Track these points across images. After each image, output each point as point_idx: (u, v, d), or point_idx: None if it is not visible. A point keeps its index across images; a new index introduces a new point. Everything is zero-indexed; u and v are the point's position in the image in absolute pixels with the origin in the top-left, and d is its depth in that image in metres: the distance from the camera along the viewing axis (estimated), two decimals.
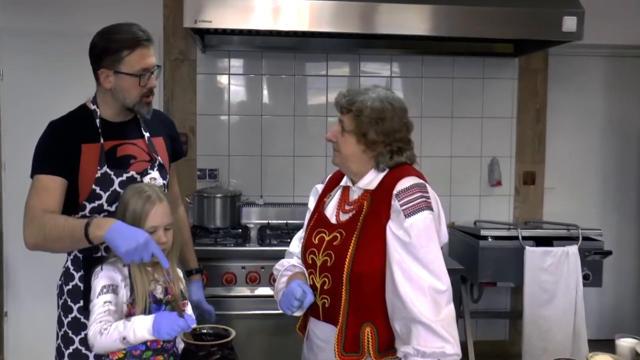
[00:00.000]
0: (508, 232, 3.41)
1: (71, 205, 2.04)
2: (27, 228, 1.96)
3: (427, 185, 1.83)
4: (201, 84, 3.71)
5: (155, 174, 2.16)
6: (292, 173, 3.78)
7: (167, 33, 3.65)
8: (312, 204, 2.06)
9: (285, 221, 3.66)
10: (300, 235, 2.08)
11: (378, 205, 1.80)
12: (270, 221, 3.67)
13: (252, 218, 3.68)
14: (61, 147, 2.03)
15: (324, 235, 1.89)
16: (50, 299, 2.25)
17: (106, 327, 1.73)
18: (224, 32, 3.35)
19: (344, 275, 1.78)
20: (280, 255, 3.07)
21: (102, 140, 2.07)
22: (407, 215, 1.74)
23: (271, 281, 2.95)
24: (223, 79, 3.73)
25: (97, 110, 2.10)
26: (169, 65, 3.66)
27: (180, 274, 2.04)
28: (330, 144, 1.92)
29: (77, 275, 2.11)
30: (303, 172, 3.78)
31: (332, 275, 1.82)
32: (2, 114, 3.57)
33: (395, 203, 1.76)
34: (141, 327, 1.71)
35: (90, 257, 2.07)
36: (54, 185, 2.00)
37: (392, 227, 1.76)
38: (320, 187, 2.08)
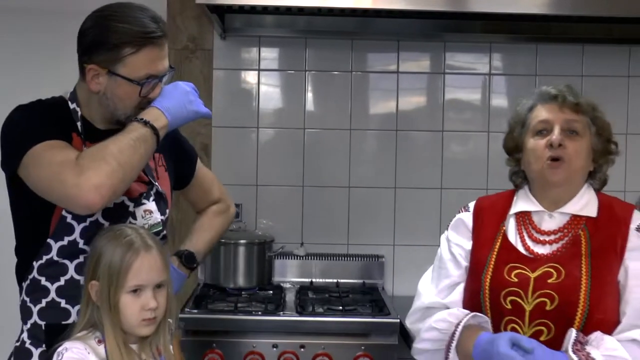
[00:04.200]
0: None
1: (33, 243, 2.06)
2: (90, 171, 1.92)
3: None
4: (219, 84, 3.73)
5: (150, 205, 2.19)
6: (346, 211, 3.75)
7: (172, 11, 3.65)
8: (461, 240, 2.22)
9: (335, 280, 3.66)
10: (433, 283, 2.24)
11: (607, 237, 2.03)
12: (314, 279, 3.68)
13: (289, 275, 3.69)
14: (54, 122, 2.05)
15: (524, 272, 2.04)
16: None
17: None
18: (253, 9, 3.37)
19: (576, 322, 1.94)
20: (329, 329, 2.94)
21: (84, 146, 2.08)
22: None
23: None
24: (250, 77, 3.75)
25: (78, 110, 2.13)
26: (175, 57, 3.64)
27: (175, 352, 2.07)
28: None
29: (36, 353, 2.09)
30: (363, 210, 3.76)
31: (554, 322, 1.97)
32: None
33: (638, 239, 2.01)
34: None
35: (57, 326, 2.05)
36: (66, 144, 2.02)
37: (634, 266, 1.99)
38: (467, 219, 2.25)
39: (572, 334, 1.90)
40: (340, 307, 3.14)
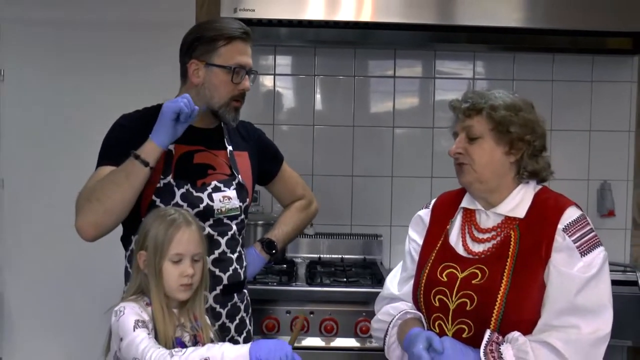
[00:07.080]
0: (624, 275, 3.37)
1: (132, 220, 2.22)
2: (79, 214, 2.17)
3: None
4: None
5: (231, 192, 2.37)
6: (349, 196, 3.86)
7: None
8: (416, 236, 2.19)
9: (340, 256, 3.75)
10: (397, 274, 2.22)
11: (534, 239, 1.93)
12: (321, 255, 3.76)
13: (300, 251, 3.77)
14: (130, 138, 2.22)
15: (454, 271, 1.99)
16: (52, 340, 2.20)
17: (180, 350, 1.84)
18: (270, 23, 3.41)
19: (492, 323, 1.88)
20: (335, 298, 3.11)
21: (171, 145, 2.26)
22: (583, 254, 1.88)
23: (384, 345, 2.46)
24: (267, 81, 3.85)
25: None
26: None
27: (209, 321, 2.15)
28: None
29: None
30: (364, 196, 3.86)
31: (474, 321, 1.92)
32: (2, 121, 3.67)
33: (564, 240, 1.90)
34: (232, 350, 1.85)
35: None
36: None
37: (559, 265, 1.88)
38: (425, 215, 2.20)
39: (486, 334, 1.84)
40: (345, 279, 3.23)
